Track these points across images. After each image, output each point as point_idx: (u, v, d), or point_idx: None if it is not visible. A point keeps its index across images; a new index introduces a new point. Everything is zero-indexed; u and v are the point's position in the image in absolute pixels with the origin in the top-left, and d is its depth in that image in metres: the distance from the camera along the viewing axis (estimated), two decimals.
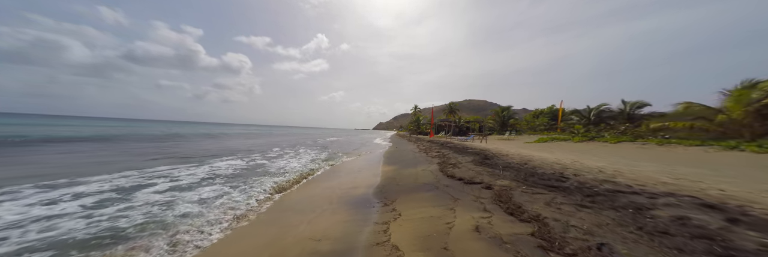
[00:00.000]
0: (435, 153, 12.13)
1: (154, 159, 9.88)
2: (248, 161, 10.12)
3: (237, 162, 9.80)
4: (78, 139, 17.07)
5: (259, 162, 10.10)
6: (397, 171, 7.44)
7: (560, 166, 6.15)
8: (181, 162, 9.27)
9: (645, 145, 10.50)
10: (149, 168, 7.91)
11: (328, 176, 7.77)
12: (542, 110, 38.36)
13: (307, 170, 8.39)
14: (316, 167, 9.18)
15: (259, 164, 9.74)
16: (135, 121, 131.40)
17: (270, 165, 9.52)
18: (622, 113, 21.28)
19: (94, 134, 22.68)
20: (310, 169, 8.76)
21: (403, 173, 6.89)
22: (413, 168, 7.65)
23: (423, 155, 11.78)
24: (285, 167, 9.23)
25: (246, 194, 5.46)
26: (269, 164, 9.85)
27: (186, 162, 9.30)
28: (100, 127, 38.47)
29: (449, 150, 12.53)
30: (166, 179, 6.56)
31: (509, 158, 7.89)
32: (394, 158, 11.27)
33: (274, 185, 6.20)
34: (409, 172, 7.01)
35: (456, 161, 8.33)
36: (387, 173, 7.38)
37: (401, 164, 8.94)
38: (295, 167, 9.06)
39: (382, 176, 6.80)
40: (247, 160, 10.50)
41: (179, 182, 6.34)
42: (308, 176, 7.75)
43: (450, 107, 55.83)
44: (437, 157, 10.54)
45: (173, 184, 6.18)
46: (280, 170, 8.41)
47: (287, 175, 7.60)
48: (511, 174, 5.32)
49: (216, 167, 8.46)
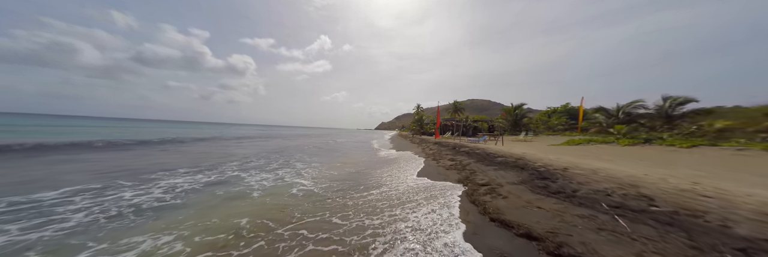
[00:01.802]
0: (449, 161, 9.24)
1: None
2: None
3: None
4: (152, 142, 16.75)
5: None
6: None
7: (719, 202, 3.26)
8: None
9: (742, 151, 7.58)
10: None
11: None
12: (556, 109, 35.43)
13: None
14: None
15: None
16: (145, 121, 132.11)
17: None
18: (660, 111, 18.30)
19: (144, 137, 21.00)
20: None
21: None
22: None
23: (432, 166, 8.90)
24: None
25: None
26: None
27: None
28: (133, 128, 37.42)
29: (467, 157, 9.64)
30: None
31: (580, 175, 4.99)
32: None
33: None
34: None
35: (488, 178, 5.45)
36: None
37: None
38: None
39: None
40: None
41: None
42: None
43: (455, 106, 52.93)
44: (454, 169, 7.65)
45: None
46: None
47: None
48: (652, 230, 2.46)
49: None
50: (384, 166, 9.49)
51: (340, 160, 11.40)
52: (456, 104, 53.28)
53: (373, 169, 8.75)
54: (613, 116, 20.58)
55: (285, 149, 15.80)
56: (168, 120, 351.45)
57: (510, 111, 30.86)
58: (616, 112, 20.65)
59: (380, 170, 8.54)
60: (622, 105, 20.61)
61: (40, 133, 19.92)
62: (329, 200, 4.78)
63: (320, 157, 12.34)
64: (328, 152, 15.48)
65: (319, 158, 11.98)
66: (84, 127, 32.69)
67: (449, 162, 9.14)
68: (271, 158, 10.88)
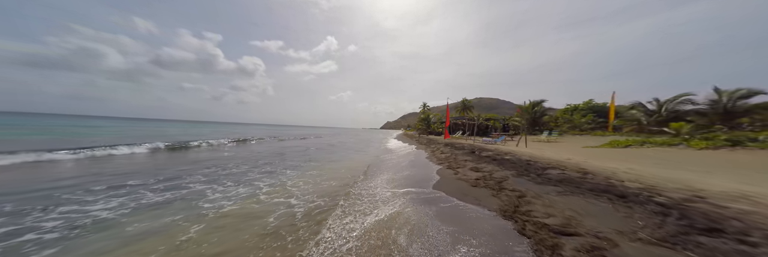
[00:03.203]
0: (472, 172, 6.65)
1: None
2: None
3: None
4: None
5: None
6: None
7: None
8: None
9: None
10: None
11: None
12: (577, 106, 32.33)
13: None
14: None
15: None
16: (163, 121, 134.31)
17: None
18: (715, 106, 15.35)
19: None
20: None
21: None
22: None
23: (449, 178, 6.33)
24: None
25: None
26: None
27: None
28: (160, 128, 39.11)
29: (495, 165, 7.03)
30: None
31: (754, 216, 2.43)
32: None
33: None
34: None
35: (562, 216, 2.89)
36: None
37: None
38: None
39: None
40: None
41: None
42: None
43: (463, 104, 50.07)
44: (486, 187, 5.06)
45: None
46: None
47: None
48: None
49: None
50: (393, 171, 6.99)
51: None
52: (465, 102, 50.41)
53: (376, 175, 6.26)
54: (654, 113, 17.68)
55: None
56: (184, 120, 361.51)
57: (527, 109, 27.92)
58: (657, 108, 17.74)
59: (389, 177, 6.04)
60: (664, 100, 17.69)
61: (74, 133, 20.67)
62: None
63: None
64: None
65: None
66: (113, 128, 33.97)
67: (473, 173, 6.55)
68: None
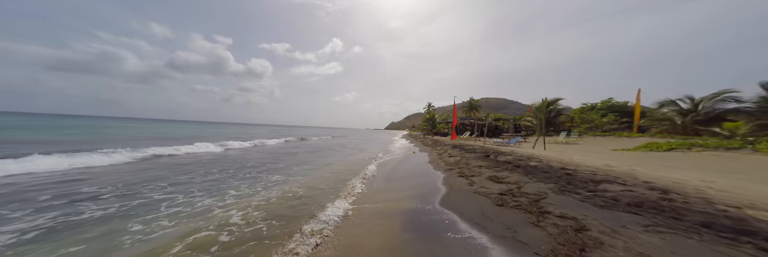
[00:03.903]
0: (491, 182, 4.93)
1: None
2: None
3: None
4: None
5: None
6: None
7: None
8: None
9: None
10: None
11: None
12: (594, 105, 30.23)
13: None
14: None
15: None
16: (177, 122, 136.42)
17: None
18: (764, 103, 13.35)
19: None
20: None
21: None
22: None
23: (463, 192, 4.61)
24: None
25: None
26: None
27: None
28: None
29: (523, 175, 5.29)
30: None
31: None
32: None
33: None
34: None
35: None
36: None
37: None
38: None
39: None
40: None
41: None
42: None
43: (470, 104, 48.14)
44: (519, 208, 3.32)
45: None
46: None
47: None
48: None
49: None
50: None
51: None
52: (472, 102, 48.46)
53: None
54: (690, 112, 15.70)
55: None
56: (196, 121, 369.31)
57: (541, 108, 25.94)
58: (693, 107, 15.75)
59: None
60: (701, 98, 15.69)
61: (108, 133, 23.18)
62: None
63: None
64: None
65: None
66: (142, 128, 36.31)
67: (494, 185, 4.84)
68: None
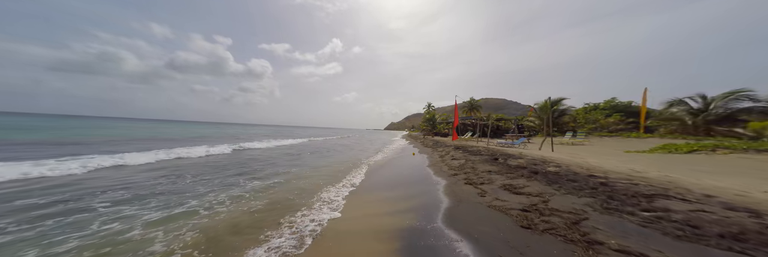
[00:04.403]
0: (505, 193, 4.23)
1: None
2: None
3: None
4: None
5: None
6: None
7: None
8: None
9: None
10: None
11: None
12: (597, 105, 29.66)
13: None
14: None
15: None
16: (179, 122, 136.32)
17: None
18: None
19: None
20: None
21: None
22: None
23: (481, 218, 3.88)
24: None
25: None
26: None
27: None
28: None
29: (549, 186, 4.55)
30: None
31: None
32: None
33: None
34: None
35: None
36: None
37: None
38: None
39: None
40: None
41: None
42: None
43: (471, 104, 47.53)
44: (560, 239, 2.64)
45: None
46: None
47: None
48: None
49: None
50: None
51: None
52: (472, 102, 47.86)
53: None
54: (701, 112, 15.09)
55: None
56: (196, 121, 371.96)
57: (544, 107, 25.33)
58: (705, 106, 15.14)
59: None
60: (712, 97, 15.09)
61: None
62: None
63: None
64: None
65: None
66: (158, 128, 37.94)
67: (511, 196, 4.17)
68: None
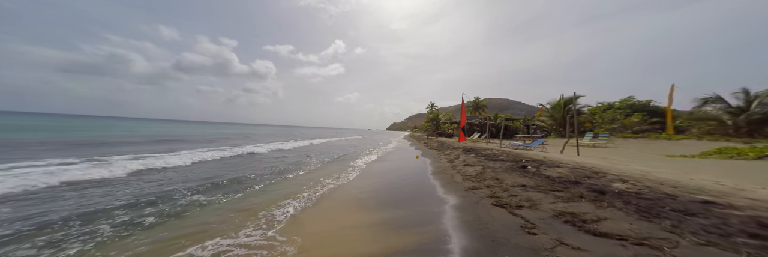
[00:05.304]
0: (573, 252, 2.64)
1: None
2: None
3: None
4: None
5: None
6: None
7: None
8: None
9: None
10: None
11: None
12: (612, 104, 27.93)
13: None
14: None
15: None
16: (184, 122, 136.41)
17: None
18: None
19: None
20: None
21: None
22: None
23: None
24: None
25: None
26: None
27: None
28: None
29: (643, 218, 3.03)
30: None
31: None
32: None
33: None
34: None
35: None
36: None
37: None
38: None
39: None
40: None
41: None
42: None
43: (475, 104, 45.88)
44: None
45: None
46: None
47: None
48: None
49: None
50: None
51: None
52: (477, 101, 46.21)
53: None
54: (738, 110, 13.41)
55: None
56: (200, 121, 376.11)
57: (557, 107, 23.63)
58: (746, 104, 13.46)
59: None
60: (757, 93, 13.40)
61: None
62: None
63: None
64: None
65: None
66: (172, 128, 39.57)
67: (576, 234, 2.64)
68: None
